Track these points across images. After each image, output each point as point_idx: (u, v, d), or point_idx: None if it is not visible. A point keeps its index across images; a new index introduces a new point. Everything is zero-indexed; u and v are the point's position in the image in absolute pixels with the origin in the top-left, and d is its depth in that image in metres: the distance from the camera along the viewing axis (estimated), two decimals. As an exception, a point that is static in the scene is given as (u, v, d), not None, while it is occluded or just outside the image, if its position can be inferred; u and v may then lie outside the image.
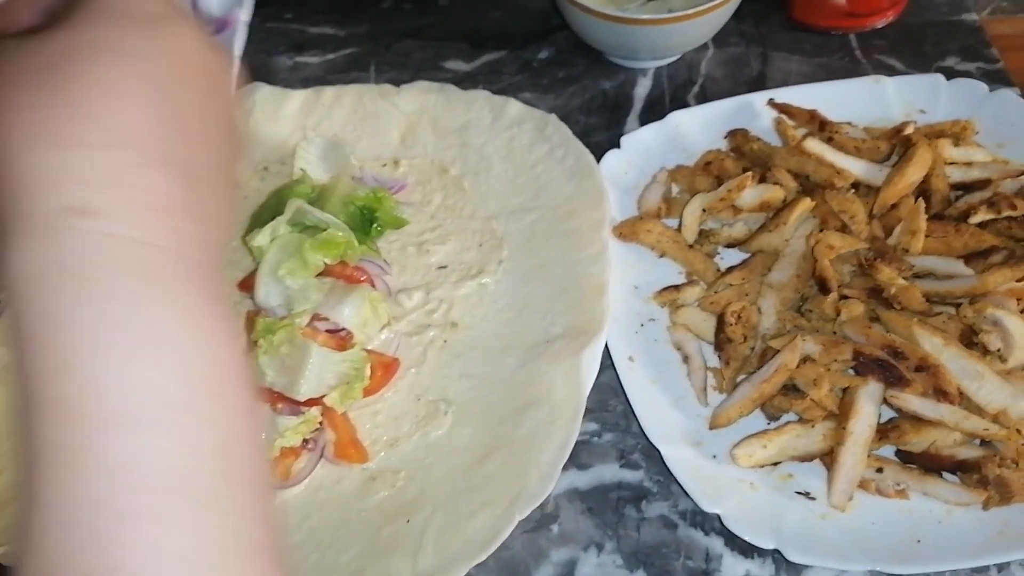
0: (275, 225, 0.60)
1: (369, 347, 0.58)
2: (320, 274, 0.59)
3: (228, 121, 0.34)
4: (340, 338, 0.57)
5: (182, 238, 0.29)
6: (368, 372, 0.56)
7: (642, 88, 0.76)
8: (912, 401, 0.52)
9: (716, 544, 0.52)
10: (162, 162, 0.29)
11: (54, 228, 0.26)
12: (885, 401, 0.53)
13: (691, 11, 0.68)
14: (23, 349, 0.27)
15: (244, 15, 0.39)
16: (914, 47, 0.77)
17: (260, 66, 0.80)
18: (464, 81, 0.75)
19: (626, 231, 0.63)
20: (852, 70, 0.76)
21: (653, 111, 0.74)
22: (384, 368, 0.58)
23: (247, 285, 0.62)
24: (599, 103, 0.75)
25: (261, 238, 0.60)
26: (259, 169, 0.71)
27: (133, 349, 0.27)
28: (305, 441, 0.54)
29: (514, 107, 0.70)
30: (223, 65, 0.33)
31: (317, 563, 0.50)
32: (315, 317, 0.57)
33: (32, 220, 0.26)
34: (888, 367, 0.53)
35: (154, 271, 0.28)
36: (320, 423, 0.55)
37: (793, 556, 0.48)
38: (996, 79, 0.73)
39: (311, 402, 0.55)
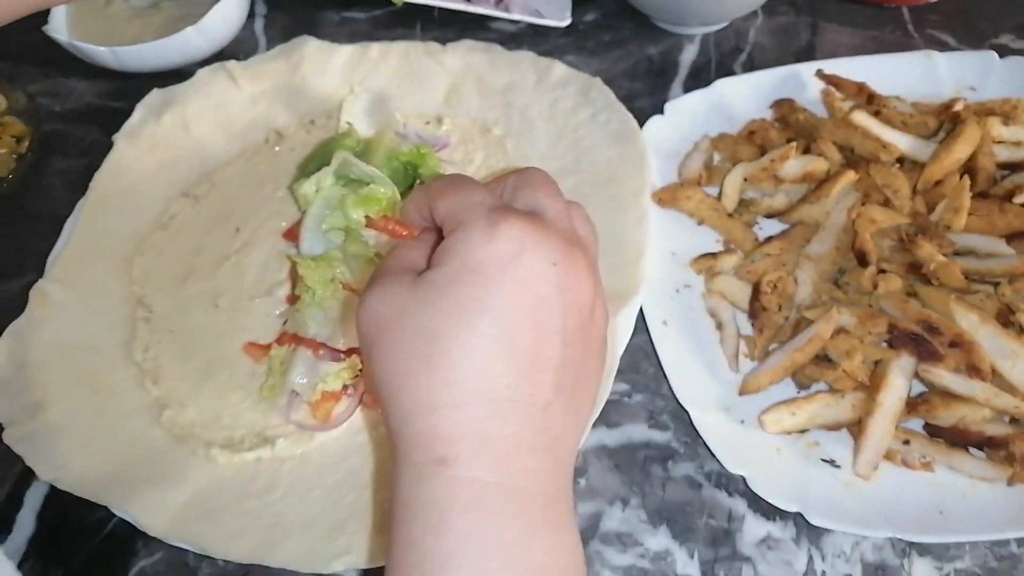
0: (321, 176, 0.61)
1: (409, 300, 0.60)
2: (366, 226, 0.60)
3: (585, 320, 0.37)
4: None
5: (519, 474, 0.34)
6: (407, 324, 0.57)
7: (688, 55, 0.76)
8: (944, 376, 0.53)
9: (739, 505, 0.53)
10: (506, 408, 0.34)
11: (422, 474, 0.34)
12: (917, 375, 0.53)
13: (743, -23, 0.67)
14: (389, 560, 0.35)
15: None
16: (968, 23, 0.76)
17: (307, 20, 0.81)
18: (509, 42, 0.76)
19: (666, 197, 0.63)
20: (904, 44, 0.75)
21: (699, 78, 0.74)
22: (423, 320, 0.59)
23: (292, 234, 0.64)
24: (644, 68, 0.75)
25: (307, 187, 0.61)
26: (305, 122, 0.72)
27: (466, 563, 0.33)
28: (345, 387, 0.56)
29: (559, 69, 0.70)
30: (577, 264, 0.36)
31: (354, 501, 0.52)
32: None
33: (411, 468, 0.34)
34: (922, 341, 0.53)
35: (488, 506, 0.33)
36: (359, 371, 0.56)
37: (815, 520, 0.49)
38: (1052, 58, 0.72)
39: (351, 351, 0.56)
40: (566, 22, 0.77)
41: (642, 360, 0.59)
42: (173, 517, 0.51)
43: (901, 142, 0.62)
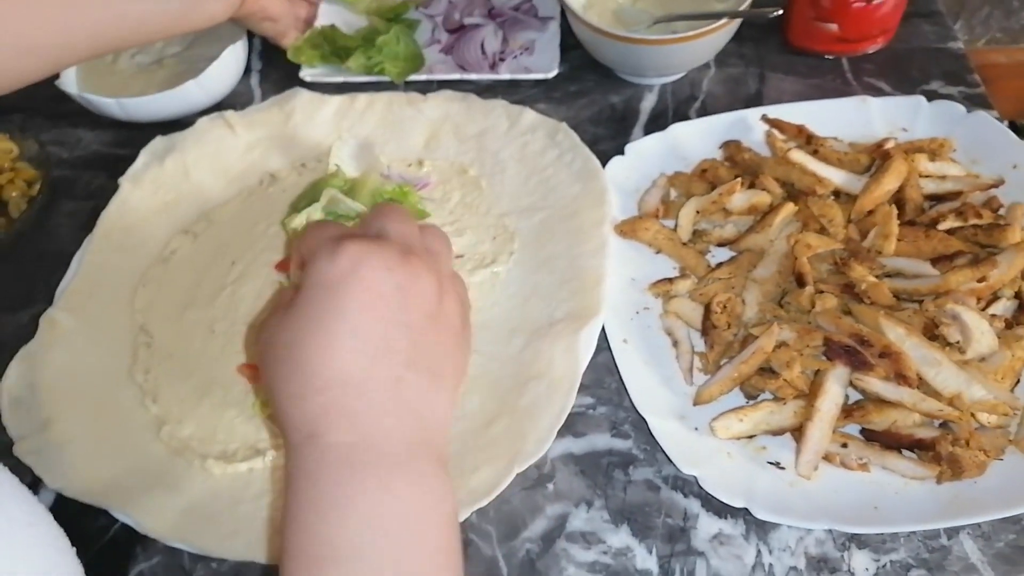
0: (311, 211, 0.67)
1: (390, 324, 0.65)
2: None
3: (432, 311, 0.45)
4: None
5: (377, 434, 0.42)
6: (389, 345, 0.62)
7: (648, 103, 0.83)
8: (875, 384, 0.58)
9: (694, 505, 0.57)
10: (359, 386, 0.42)
11: (298, 450, 0.42)
12: (851, 384, 0.59)
13: (692, 32, 0.75)
14: (284, 520, 0.41)
15: None
16: (901, 71, 0.83)
17: (298, 74, 0.88)
18: (485, 92, 0.83)
19: (626, 229, 0.69)
20: (843, 91, 0.82)
21: (657, 124, 0.80)
22: (403, 342, 0.65)
23: (284, 266, 0.69)
24: (607, 115, 0.82)
25: (298, 221, 0.67)
26: (297, 166, 0.78)
27: (338, 510, 0.40)
28: (331, 402, 0.61)
29: (529, 116, 0.77)
30: (415, 267, 0.44)
31: (338, 507, 0.56)
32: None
33: (291, 449, 0.42)
34: (855, 352, 0.58)
35: (352, 460, 0.41)
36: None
37: (761, 514, 0.54)
38: (976, 102, 0.79)
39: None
40: (553, 72, 0.84)
41: (605, 376, 0.64)
42: (172, 520, 0.55)
43: (835, 176, 0.68)
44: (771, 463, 0.58)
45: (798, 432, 0.58)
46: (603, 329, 0.64)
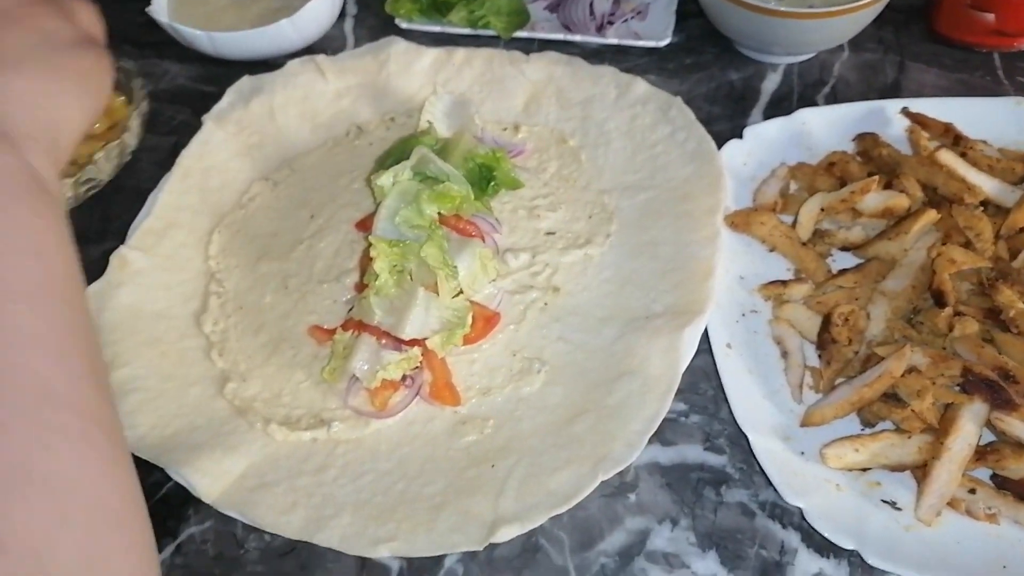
0: (399, 169, 0.62)
1: (474, 299, 0.60)
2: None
3: None
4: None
5: None
6: (469, 321, 0.58)
7: (770, 83, 0.75)
8: (1017, 426, 0.51)
9: (793, 538, 0.52)
10: None
11: None
12: (988, 423, 0.52)
13: (833, 8, 0.67)
14: None
15: None
16: (1064, 73, 0.74)
17: (394, 22, 0.83)
18: (592, 56, 0.76)
19: (739, 221, 0.63)
20: (993, 89, 0.73)
21: (779, 107, 0.73)
22: (485, 320, 0.60)
23: (365, 225, 0.65)
24: (725, 93, 0.75)
25: (384, 179, 0.62)
26: (386, 119, 0.74)
27: None
28: (404, 377, 0.56)
29: (640, 86, 0.71)
30: None
31: (402, 491, 0.52)
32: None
33: None
34: (997, 389, 0.51)
35: None
36: (420, 363, 0.57)
37: (872, 559, 0.48)
38: None
39: (414, 342, 0.57)
40: (665, 41, 0.78)
41: (702, 381, 0.58)
42: (227, 486, 0.52)
43: (986, 185, 0.60)
44: (885, 501, 0.52)
45: (921, 471, 0.52)
46: (704, 329, 0.58)
